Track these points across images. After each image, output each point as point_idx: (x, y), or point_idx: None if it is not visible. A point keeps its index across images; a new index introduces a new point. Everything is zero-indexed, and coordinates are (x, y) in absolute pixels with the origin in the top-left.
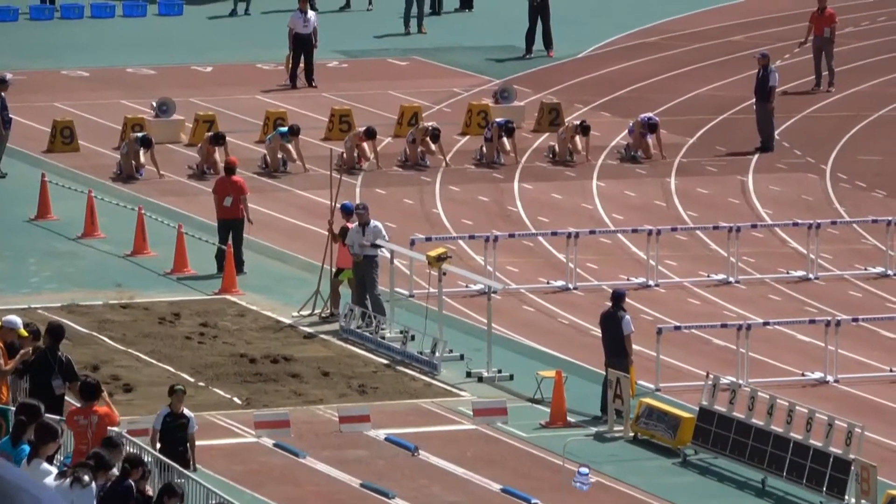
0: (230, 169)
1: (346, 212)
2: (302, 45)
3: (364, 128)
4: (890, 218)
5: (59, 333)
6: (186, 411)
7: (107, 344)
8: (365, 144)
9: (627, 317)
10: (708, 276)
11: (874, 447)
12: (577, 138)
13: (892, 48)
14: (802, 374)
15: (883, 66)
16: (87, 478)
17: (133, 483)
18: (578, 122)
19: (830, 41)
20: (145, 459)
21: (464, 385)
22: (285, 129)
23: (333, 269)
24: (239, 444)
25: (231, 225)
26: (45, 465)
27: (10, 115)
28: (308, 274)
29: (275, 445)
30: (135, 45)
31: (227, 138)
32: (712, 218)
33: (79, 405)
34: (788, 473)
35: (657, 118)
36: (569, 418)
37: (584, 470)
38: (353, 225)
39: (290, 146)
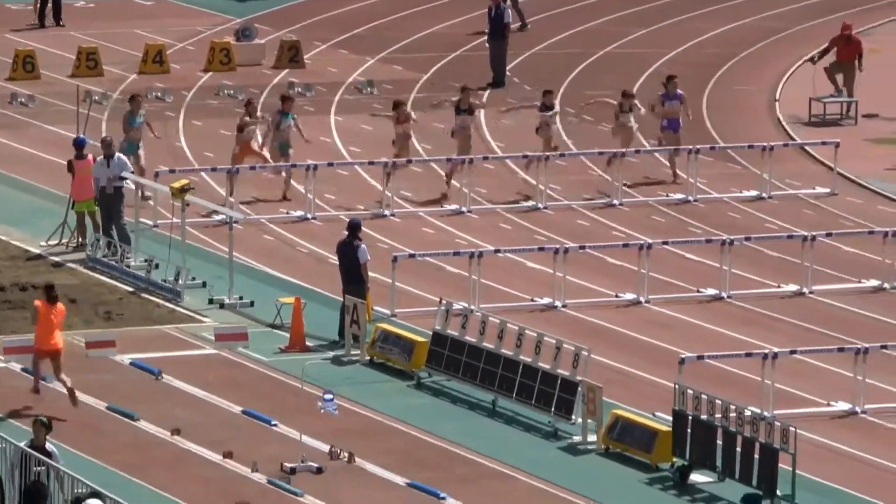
0: None
1: (77, 146)
2: None
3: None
4: (615, 150)
5: None
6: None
7: None
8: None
9: (363, 245)
10: (441, 207)
11: (600, 369)
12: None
13: None
14: (532, 300)
15: (609, 5)
16: None
17: None
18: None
19: None
20: None
21: (206, 311)
22: None
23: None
24: None
25: None
26: None
27: None
28: (56, 205)
29: (22, 370)
30: None
31: None
32: (445, 150)
33: None
34: (518, 394)
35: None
36: (307, 343)
37: (329, 395)
38: (98, 158)
39: None
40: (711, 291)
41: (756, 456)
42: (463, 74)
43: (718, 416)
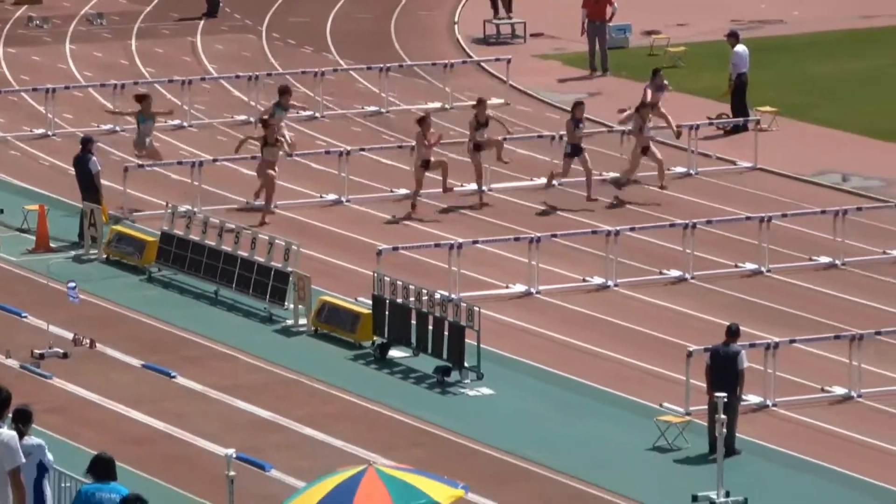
0: None
1: None
2: None
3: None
4: (319, 69)
5: None
6: None
7: None
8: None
9: (94, 158)
10: (165, 122)
11: (308, 261)
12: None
13: None
14: (247, 203)
15: None
16: None
17: None
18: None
19: None
20: None
21: None
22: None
23: None
24: None
25: None
26: None
27: None
28: None
29: None
30: None
31: None
32: (168, 73)
33: None
34: (237, 285)
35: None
36: (51, 244)
37: (72, 284)
38: None
39: None
40: (403, 191)
41: (445, 333)
42: (180, 5)
43: (412, 299)
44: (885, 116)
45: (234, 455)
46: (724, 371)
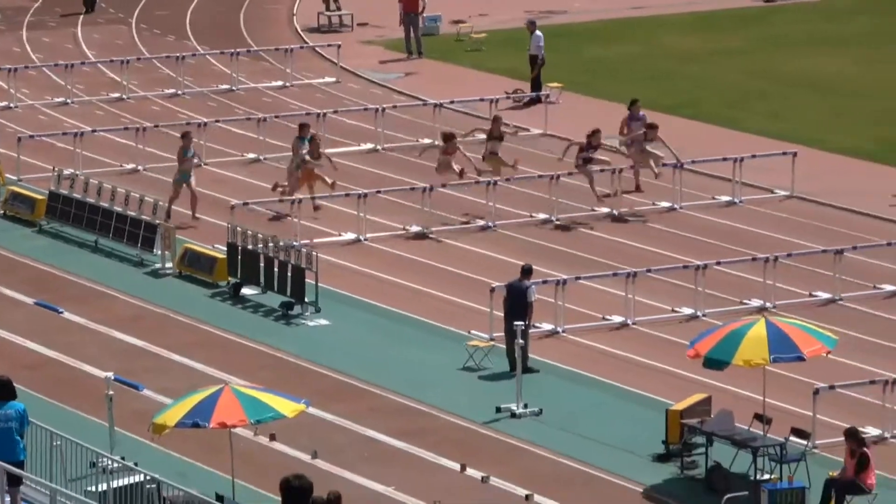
0: None
1: None
2: None
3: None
4: (181, 54)
5: None
6: None
7: None
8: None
9: None
10: (51, 100)
11: (174, 215)
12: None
13: None
14: (121, 165)
15: None
16: None
17: None
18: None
19: None
20: None
21: None
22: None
23: None
24: None
25: None
26: None
27: None
28: None
29: None
30: None
31: None
32: (54, 58)
33: None
34: (114, 235)
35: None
36: None
37: None
38: None
39: None
40: (251, 155)
41: (289, 274)
42: (64, 3)
43: (261, 246)
44: (652, 89)
45: (113, 377)
46: (517, 303)
